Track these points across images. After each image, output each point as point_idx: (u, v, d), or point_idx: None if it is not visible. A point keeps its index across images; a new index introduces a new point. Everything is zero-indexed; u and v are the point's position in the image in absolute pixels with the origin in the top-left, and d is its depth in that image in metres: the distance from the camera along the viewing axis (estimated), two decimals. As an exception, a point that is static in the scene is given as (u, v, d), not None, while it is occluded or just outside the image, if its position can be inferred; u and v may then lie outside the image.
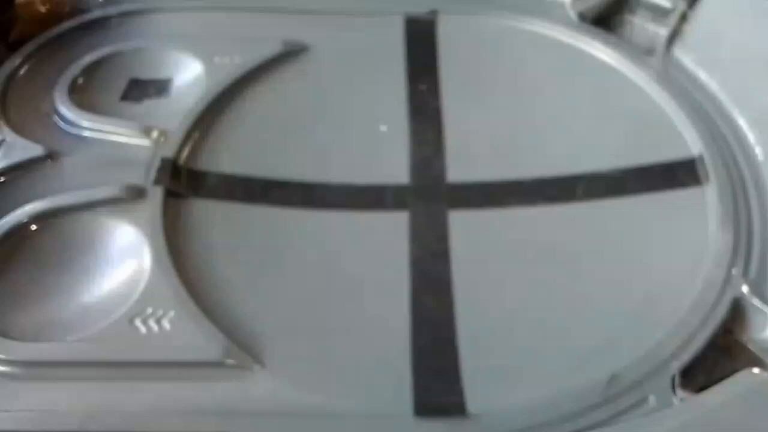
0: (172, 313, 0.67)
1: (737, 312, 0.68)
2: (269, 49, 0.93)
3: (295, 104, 0.86)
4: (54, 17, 0.97)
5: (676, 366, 0.64)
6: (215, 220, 0.76)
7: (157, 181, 0.77)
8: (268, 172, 0.80)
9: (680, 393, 0.62)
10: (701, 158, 0.80)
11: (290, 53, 0.93)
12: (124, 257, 0.72)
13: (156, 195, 0.76)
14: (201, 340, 0.65)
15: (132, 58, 0.92)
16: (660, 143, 0.83)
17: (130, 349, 0.65)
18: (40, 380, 0.64)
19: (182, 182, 0.79)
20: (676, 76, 0.90)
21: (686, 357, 0.64)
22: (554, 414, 0.61)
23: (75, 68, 0.89)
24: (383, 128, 0.84)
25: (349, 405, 0.62)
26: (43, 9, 0.97)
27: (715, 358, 0.66)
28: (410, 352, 0.66)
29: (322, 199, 0.78)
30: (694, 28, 0.91)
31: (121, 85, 0.89)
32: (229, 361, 0.64)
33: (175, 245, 0.73)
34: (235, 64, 0.90)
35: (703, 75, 0.89)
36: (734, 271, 0.70)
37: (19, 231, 0.73)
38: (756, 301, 0.68)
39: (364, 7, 0.98)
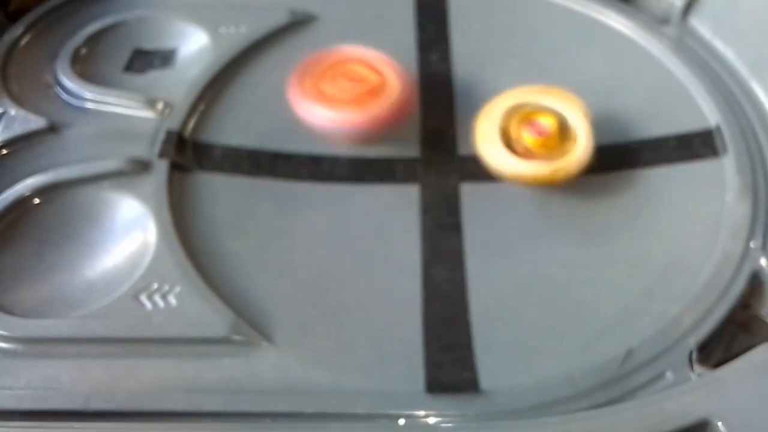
0: (178, 289, 0.66)
1: (756, 286, 0.67)
2: (276, 19, 0.92)
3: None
4: (55, -14, 0.96)
5: (693, 341, 0.63)
6: (221, 193, 0.76)
7: (162, 154, 0.76)
8: (275, 144, 0.79)
9: (698, 368, 0.61)
10: (718, 129, 0.78)
11: (297, 23, 0.92)
12: (129, 231, 0.71)
13: (161, 168, 0.75)
14: (208, 316, 0.64)
15: (135, 27, 0.91)
16: (676, 114, 0.81)
17: (135, 326, 0.64)
18: (44, 357, 0.63)
19: (188, 155, 0.78)
20: (693, 46, 0.88)
21: (703, 332, 0.63)
22: (569, 390, 0.60)
23: (77, 38, 0.89)
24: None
25: (359, 381, 0.62)
26: (44, -22, 0.96)
27: (733, 333, 0.65)
28: (422, 327, 0.65)
29: (331, 172, 0.77)
30: (710, -3, 0.90)
31: (125, 55, 0.88)
32: (237, 337, 0.63)
33: (181, 219, 0.72)
34: (241, 34, 0.89)
35: (719, 44, 0.88)
36: (753, 244, 0.69)
37: (21, 205, 0.72)
38: (775, 275, 0.67)
39: (373, -24, 0.97)
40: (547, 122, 0.73)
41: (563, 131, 0.73)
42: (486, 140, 0.74)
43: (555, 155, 0.72)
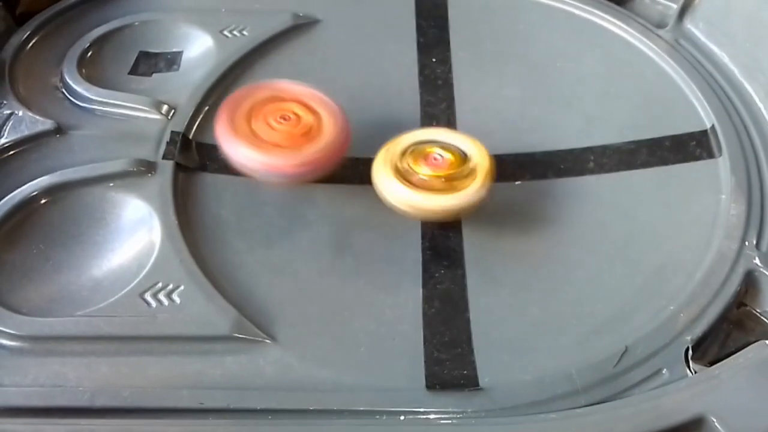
0: (182, 287, 0.66)
1: (750, 284, 0.68)
2: (279, 22, 0.92)
3: (306, 78, 0.84)
4: (62, -11, 0.97)
5: (689, 339, 0.63)
6: (225, 193, 0.76)
7: (167, 155, 0.77)
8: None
9: (694, 365, 0.61)
10: (713, 130, 0.79)
11: (300, 26, 0.93)
12: (134, 231, 0.72)
13: (166, 169, 0.76)
14: (211, 314, 0.65)
15: (141, 31, 0.92)
16: (672, 115, 0.82)
17: (140, 324, 0.65)
18: (50, 355, 0.63)
19: (192, 156, 0.79)
20: (688, 49, 0.89)
21: (699, 330, 0.64)
22: (567, 387, 0.61)
23: (84, 41, 0.89)
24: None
25: (360, 378, 0.62)
26: (51, -19, 0.97)
27: (728, 331, 0.66)
28: (422, 325, 0.66)
29: (333, 173, 0.77)
30: (705, 1, 0.91)
31: (131, 58, 0.89)
32: (240, 336, 0.64)
33: (185, 219, 0.72)
34: (244, 37, 0.90)
35: (714, 47, 0.89)
36: (747, 243, 0.70)
37: (28, 205, 0.73)
38: (770, 274, 0.68)
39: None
40: (447, 155, 0.71)
41: (461, 169, 0.71)
42: (380, 171, 0.71)
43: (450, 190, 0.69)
